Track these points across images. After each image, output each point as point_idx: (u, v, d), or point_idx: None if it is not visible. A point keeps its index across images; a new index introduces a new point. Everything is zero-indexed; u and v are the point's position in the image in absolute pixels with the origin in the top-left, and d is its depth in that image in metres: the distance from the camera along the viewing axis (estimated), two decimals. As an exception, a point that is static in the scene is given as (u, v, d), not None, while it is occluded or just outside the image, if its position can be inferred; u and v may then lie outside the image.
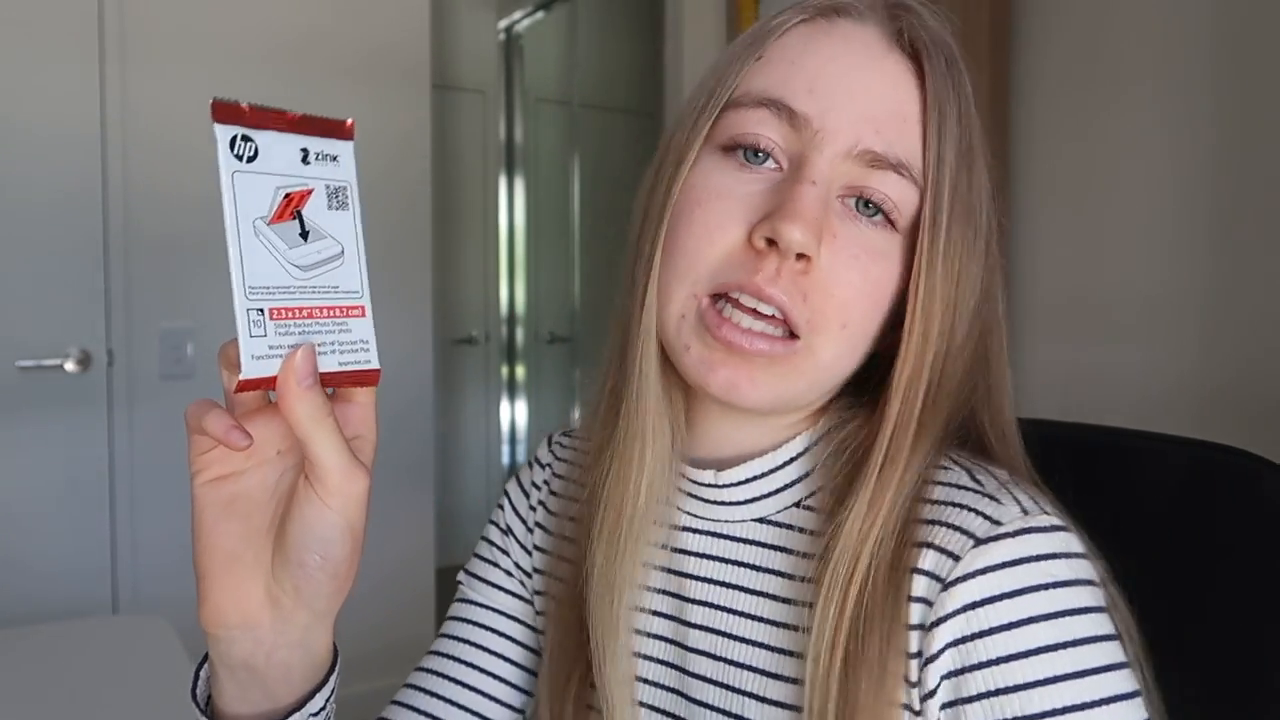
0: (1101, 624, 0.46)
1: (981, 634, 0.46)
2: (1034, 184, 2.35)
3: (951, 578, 0.47)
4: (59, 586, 2.17)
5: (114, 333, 2.23)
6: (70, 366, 2.16)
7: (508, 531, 0.72)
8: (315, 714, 0.50)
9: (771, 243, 0.49)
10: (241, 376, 0.41)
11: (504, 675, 0.68)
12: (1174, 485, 0.53)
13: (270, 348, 0.42)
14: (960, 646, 0.46)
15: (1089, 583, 0.47)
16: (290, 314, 0.43)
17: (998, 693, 0.45)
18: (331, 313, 0.44)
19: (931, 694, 0.47)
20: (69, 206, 2.18)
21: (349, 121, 0.46)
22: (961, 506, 0.49)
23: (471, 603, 0.71)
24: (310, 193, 0.44)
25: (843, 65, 0.51)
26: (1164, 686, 0.49)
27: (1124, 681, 0.45)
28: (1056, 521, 0.48)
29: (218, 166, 0.41)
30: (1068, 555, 0.47)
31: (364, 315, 0.45)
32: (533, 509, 0.71)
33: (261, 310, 0.42)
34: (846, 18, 0.52)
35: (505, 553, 0.71)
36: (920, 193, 0.50)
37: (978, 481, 0.51)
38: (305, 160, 0.44)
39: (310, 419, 0.42)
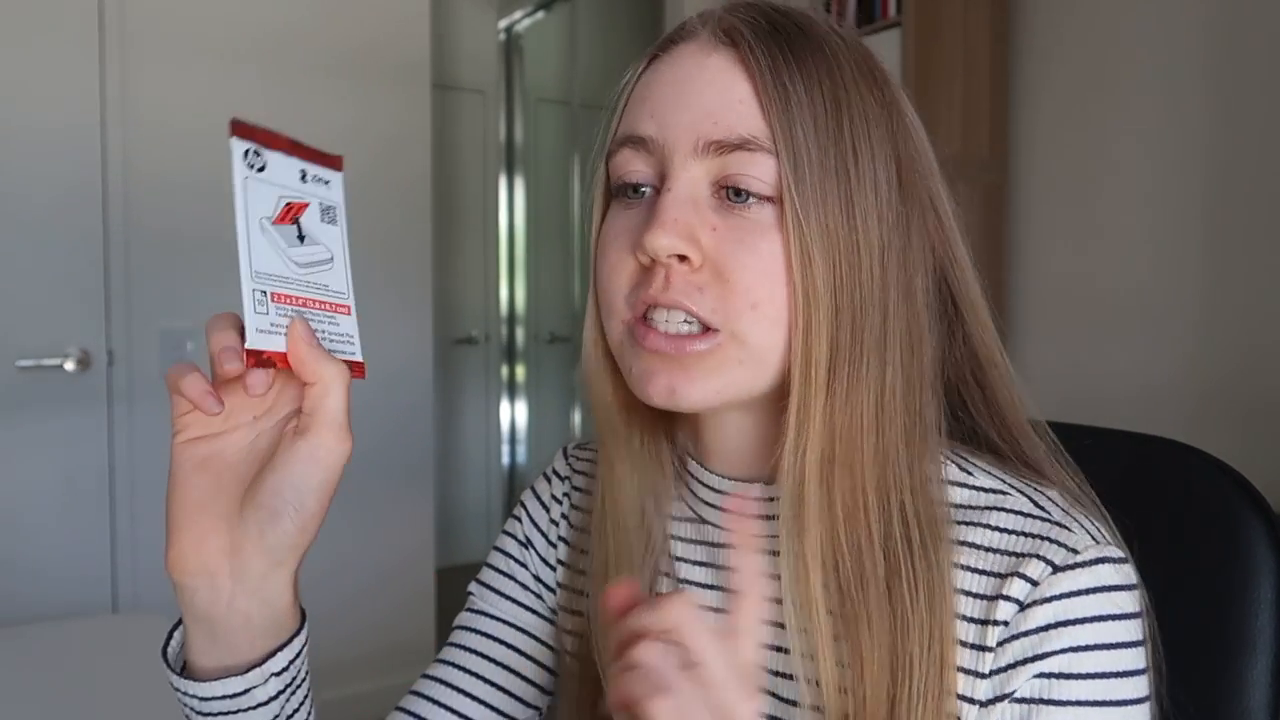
0: (1142, 658, 0.51)
1: (1051, 654, 0.49)
2: (1033, 184, 2.35)
3: (1030, 600, 0.50)
4: (59, 586, 2.17)
5: (114, 333, 2.24)
6: (70, 366, 2.16)
7: (527, 544, 0.71)
8: (278, 673, 0.52)
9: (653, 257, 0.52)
10: (247, 346, 0.46)
11: (512, 690, 0.68)
12: (1119, 476, 0.57)
13: (272, 324, 0.47)
14: (1031, 663, 0.50)
15: (1139, 616, 0.51)
16: (289, 300, 0.48)
17: (1044, 702, 0.49)
18: (323, 306, 0.49)
19: (990, 702, 0.51)
20: (69, 207, 2.18)
21: (339, 157, 0.52)
22: (1034, 536, 0.52)
23: (483, 614, 0.70)
24: (307, 206, 0.49)
25: (675, 84, 0.55)
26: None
27: (1142, 716, 0.50)
28: (1122, 554, 0.52)
29: (231, 173, 0.46)
30: (1130, 588, 0.51)
31: (350, 314, 0.51)
32: (554, 523, 0.71)
33: (265, 292, 0.47)
34: (680, 43, 0.56)
35: (524, 565, 0.71)
36: (775, 158, 0.52)
37: (1042, 509, 0.53)
38: (303, 179, 0.49)
39: (332, 372, 0.48)
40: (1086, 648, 0.49)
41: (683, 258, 0.52)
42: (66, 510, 2.21)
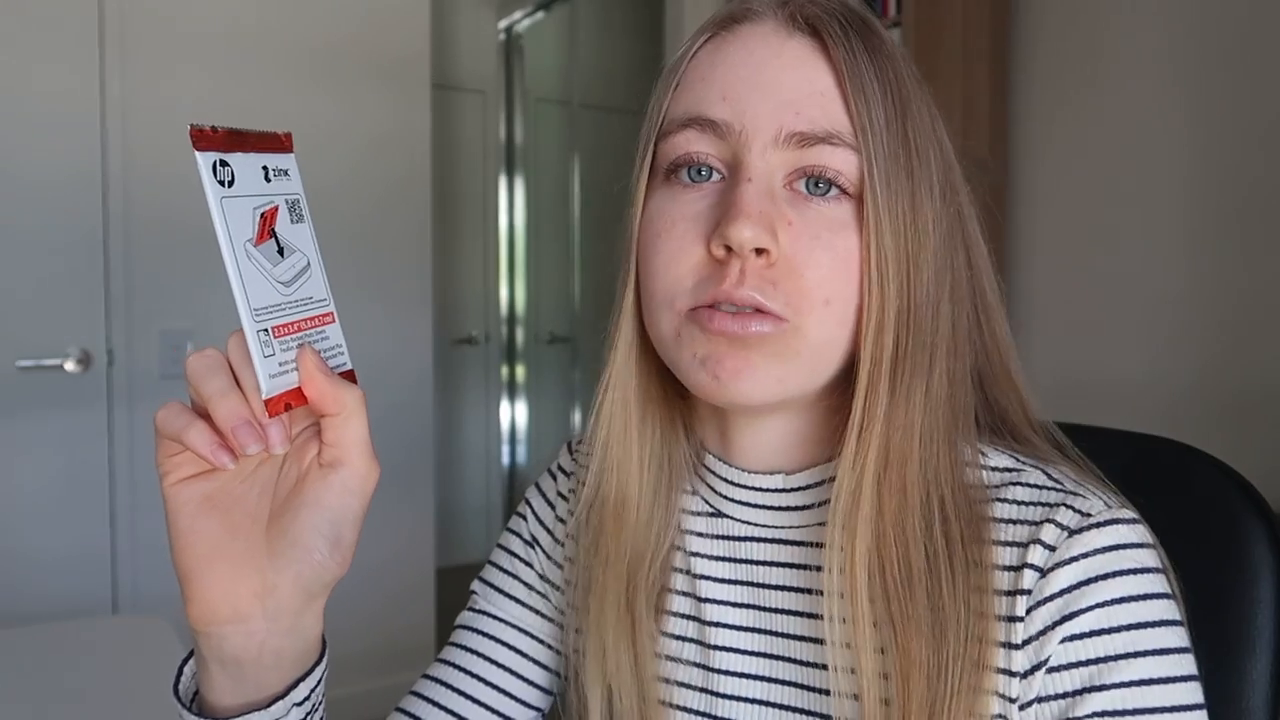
0: (1174, 610, 0.50)
1: (1078, 612, 0.49)
2: (1033, 184, 2.35)
3: (1049, 565, 0.50)
4: (59, 586, 2.17)
5: (114, 333, 2.24)
6: (70, 366, 2.16)
7: (532, 543, 0.70)
8: (299, 703, 0.51)
9: (730, 249, 0.51)
10: (265, 396, 0.44)
11: (512, 691, 0.68)
12: (1118, 475, 0.56)
13: (280, 365, 0.44)
14: (1059, 626, 0.50)
15: (1163, 571, 0.51)
16: (287, 330, 0.45)
17: (1089, 662, 0.49)
18: (313, 323, 0.47)
19: (1030, 672, 0.50)
20: (69, 207, 2.18)
21: (287, 135, 0.48)
22: (1048, 504, 0.52)
23: (485, 614, 0.69)
24: (277, 210, 0.46)
25: (749, 66, 0.53)
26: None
27: (1191, 664, 0.49)
28: (1134, 515, 0.52)
29: (205, 193, 0.43)
30: (1148, 545, 0.51)
31: (334, 321, 0.48)
32: (561, 520, 0.70)
33: (266, 330, 0.44)
34: (745, 22, 0.55)
35: (529, 565, 0.70)
36: (858, 154, 0.51)
37: (1055, 480, 0.54)
38: (267, 178, 0.46)
39: (353, 399, 0.46)
40: (1115, 601, 0.49)
41: (760, 251, 0.51)
42: (66, 510, 2.20)
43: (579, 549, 0.64)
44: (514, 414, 4.47)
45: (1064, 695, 0.49)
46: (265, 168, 0.46)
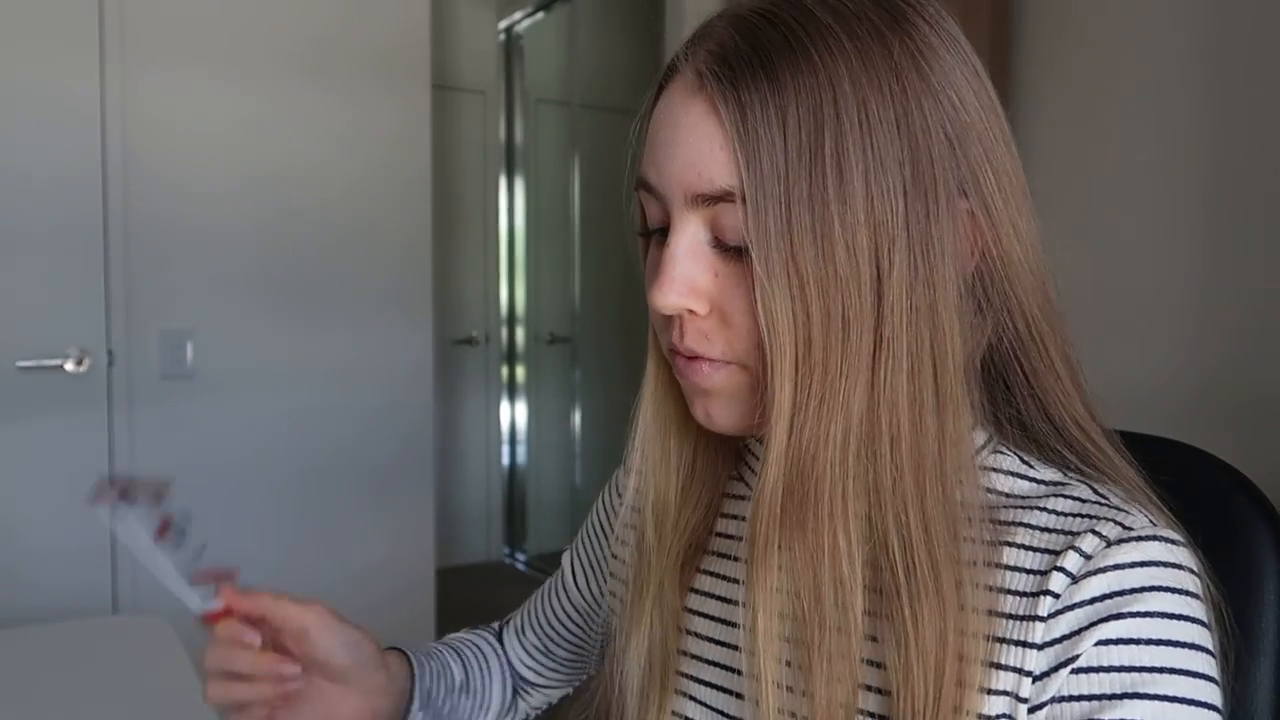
0: (1206, 638, 0.49)
1: (1105, 619, 0.48)
2: (1033, 185, 2.35)
3: (1082, 572, 0.50)
4: (59, 586, 2.17)
5: (114, 333, 2.23)
6: (70, 366, 2.16)
7: (602, 531, 0.81)
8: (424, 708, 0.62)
9: None
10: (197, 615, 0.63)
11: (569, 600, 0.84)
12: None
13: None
14: (1084, 632, 0.49)
15: (1200, 598, 0.50)
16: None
17: (1108, 669, 0.48)
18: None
19: (1048, 674, 0.49)
20: (69, 207, 2.18)
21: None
22: (1092, 517, 0.52)
23: (576, 545, 0.84)
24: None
25: (666, 126, 0.53)
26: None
27: (1216, 695, 0.48)
28: (1179, 537, 0.51)
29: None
30: (1188, 569, 0.50)
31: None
32: (615, 513, 0.77)
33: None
34: (674, 77, 0.54)
35: (605, 538, 0.80)
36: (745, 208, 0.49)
37: (1102, 495, 0.53)
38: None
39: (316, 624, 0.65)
40: (1149, 615, 0.48)
41: (691, 310, 0.53)
42: (66, 510, 2.20)
43: (628, 542, 0.67)
44: (514, 414, 4.47)
45: (1090, 698, 0.48)
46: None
